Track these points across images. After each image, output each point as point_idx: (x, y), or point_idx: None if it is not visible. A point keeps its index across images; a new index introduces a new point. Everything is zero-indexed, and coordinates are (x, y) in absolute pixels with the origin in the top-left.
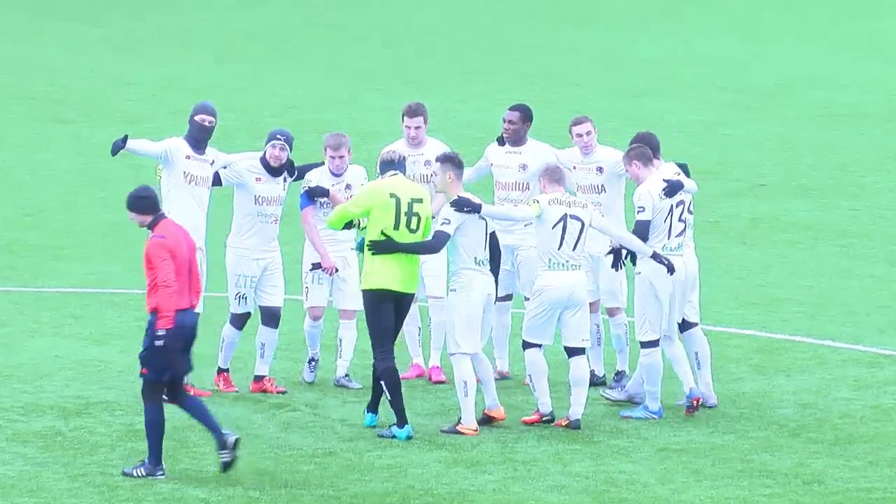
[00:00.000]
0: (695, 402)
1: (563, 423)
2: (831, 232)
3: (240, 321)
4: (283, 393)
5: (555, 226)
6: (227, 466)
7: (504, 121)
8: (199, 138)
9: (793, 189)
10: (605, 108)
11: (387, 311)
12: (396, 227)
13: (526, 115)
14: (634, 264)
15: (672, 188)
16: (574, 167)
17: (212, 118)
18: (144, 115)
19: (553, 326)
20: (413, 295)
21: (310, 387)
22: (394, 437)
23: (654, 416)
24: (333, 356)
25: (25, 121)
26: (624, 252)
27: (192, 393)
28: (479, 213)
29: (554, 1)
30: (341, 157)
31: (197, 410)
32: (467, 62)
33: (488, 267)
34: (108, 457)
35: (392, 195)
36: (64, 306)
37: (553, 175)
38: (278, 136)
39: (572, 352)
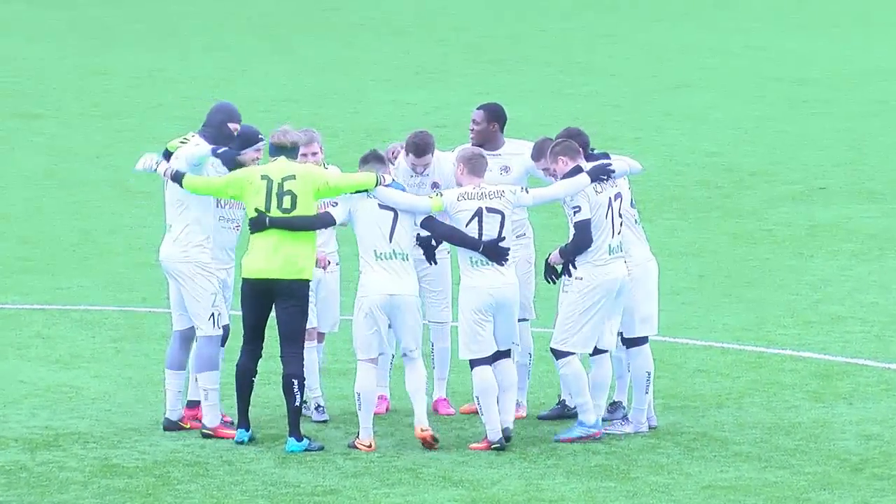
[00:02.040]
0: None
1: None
2: None
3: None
4: (230, 423)
5: (469, 223)
6: None
7: (471, 121)
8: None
9: (856, 193)
10: (643, 101)
11: (249, 306)
12: (268, 208)
13: (492, 114)
14: (570, 272)
15: (599, 170)
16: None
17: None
18: (122, 110)
19: (490, 331)
20: (294, 281)
21: (308, 417)
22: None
23: (592, 430)
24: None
25: None
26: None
27: (188, 426)
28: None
29: None
30: (314, 153)
31: None
32: (487, 51)
33: (401, 260)
34: (80, 495)
35: (263, 177)
36: (29, 325)
37: (472, 164)
38: (262, 137)
39: (497, 355)
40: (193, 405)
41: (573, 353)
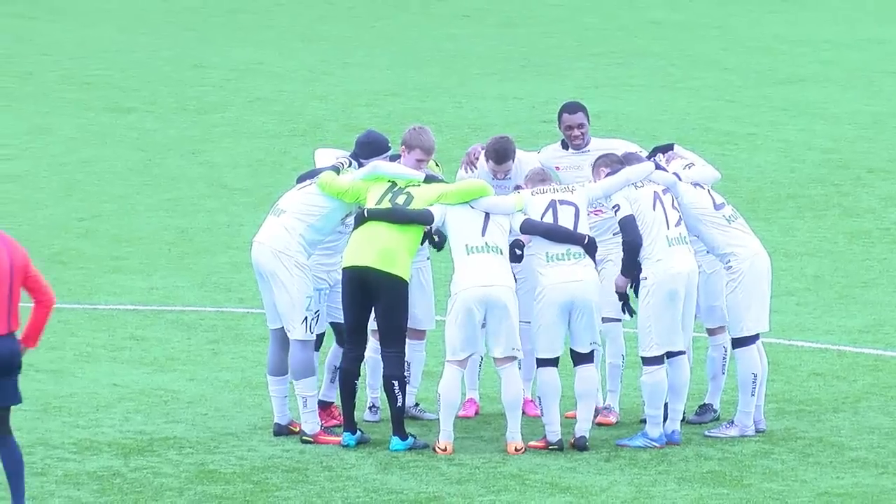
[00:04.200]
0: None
1: (570, 443)
2: None
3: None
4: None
5: (543, 215)
6: None
7: (570, 127)
8: None
9: None
10: (756, 95)
11: (347, 299)
12: (379, 203)
13: (588, 112)
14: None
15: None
16: None
17: None
18: (217, 104)
19: (564, 331)
20: (388, 276)
21: (410, 420)
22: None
23: (654, 443)
24: None
25: (78, 110)
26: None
27: (297, 429)
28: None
29: None
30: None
31: (12, 464)
32: (595, 43)
33: (495, 254)
34: (176, 502)
35: (391, 181)
36: (123, 326)
37: (535, 178)
38: (391, 146)
39: (580, 359)
40: (325, 405)
41: (660, 364)
